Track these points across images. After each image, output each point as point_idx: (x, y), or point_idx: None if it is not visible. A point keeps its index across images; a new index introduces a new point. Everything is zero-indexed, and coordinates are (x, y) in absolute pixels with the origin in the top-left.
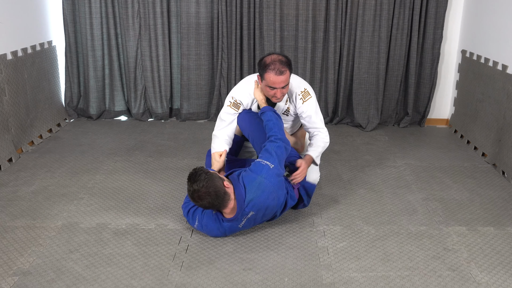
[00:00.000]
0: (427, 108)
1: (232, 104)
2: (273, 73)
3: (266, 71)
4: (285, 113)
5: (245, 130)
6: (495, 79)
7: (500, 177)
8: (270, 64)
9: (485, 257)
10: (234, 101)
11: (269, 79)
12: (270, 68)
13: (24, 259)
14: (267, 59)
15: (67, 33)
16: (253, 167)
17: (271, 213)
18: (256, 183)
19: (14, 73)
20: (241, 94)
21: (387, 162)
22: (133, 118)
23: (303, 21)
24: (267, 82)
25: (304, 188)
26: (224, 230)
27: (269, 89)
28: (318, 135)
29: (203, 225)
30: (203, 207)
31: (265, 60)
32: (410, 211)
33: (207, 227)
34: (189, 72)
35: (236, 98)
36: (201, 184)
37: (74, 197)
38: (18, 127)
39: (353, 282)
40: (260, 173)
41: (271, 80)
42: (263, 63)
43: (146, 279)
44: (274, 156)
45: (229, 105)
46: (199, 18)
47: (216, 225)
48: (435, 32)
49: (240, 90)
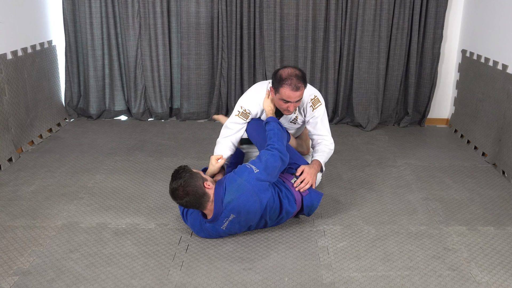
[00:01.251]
0: (427, 108)
1: (240, 113)
2: (289, 88)
3: (282, 86)
4: (293, 121)
5: (253, 138)
6: (495, 79)
7: (500, 177)
8: (287, 79)
9: (485, 257)
10: (243, 111)
11: (285, 94)
12: (286, 83)
13: (24, 258)
14: (283, 73)
15: (67, 33)
16: (237, 169)
17: (254, 217)
18: (236, 184)
19: (14, 72)
20: (251, 104)
21: (387, 162)
22: (133, 118)
23: (303, 20)
24: (282, 96)
25: (309, 197)
26: (208, 232)
27: (282, 103)
28: (322, 142)
29: (190, 224)
30: (183, 206)
31: (281, 73)
32: (410, 211)
33: (193, 227)
34: (189, 72)
35: (246, 108)
36: (179, 183)
37: (74, 197)
38: (18, 127)
39: (353, 282)
40: (241, 175)
41: (287, 95)
42: (279, 76)
43: (146, 278)
44: (262, 162)
45: (238, 115)
46: (199, 17)
47: (199, 226)
48: (435, 32)
49: (250, 99)
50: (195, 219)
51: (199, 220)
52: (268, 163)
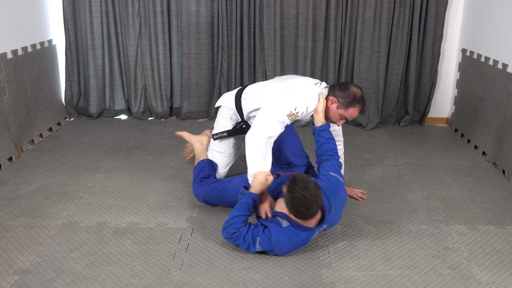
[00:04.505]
0: (427, 107)
1: (291, 114)
2: (358, 110)
3: (354, 106)
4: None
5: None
6: (495, 78)
7: (501, 176)
8: (359, 102)
9: (485, 256)
10: (295, 113)
11: (352, 114)
12: (358, 105)
13: (24, 258)
14: (357, 93)
15: (67, 32)
16: (331, 178)
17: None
18: (339, 198)
19: (14, 72)
20: (304, 109)
21: (387, 161)
22: (133, 117)
23: (303, 20)
24: (348, 114)
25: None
26: (299, 242)
27: (340, 118)
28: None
29: (272, 243)
30: (302, 217)
31: (355, 93)
32: (410, 210)
33: (279, 244)
34: (189, 71)
35: (298, 110)
36: (314, 192)
37: (74, 196)
38: (18, 126)
39: (353, 281)
40: (340, 187)
41: (353, 115)
42: (353, 95)
43: (146, 278)
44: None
45: (289, 114)
46: (199, 17)
47: (290, 239)
48: (435, 31)
49: (304, 104)
50: (285, 234)
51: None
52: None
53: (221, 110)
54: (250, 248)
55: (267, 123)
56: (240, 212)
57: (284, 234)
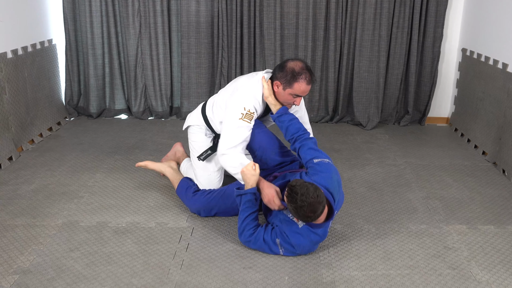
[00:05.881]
0: (428, 107)
1: (245, 115)
2: (305, 82)
3: (297, 80)
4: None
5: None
6: (496, 78)
7: (501, 176)
8: (301, 73)
9: (485, 256)
10: (247, 112)
11: (299, 88)
12: (301, 78)
13: (24, 257)
14: (295, 66)
15: (67, 32)
16: (318, 167)
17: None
18: (335, 182)
19: (14, 71)
20: (253, 102)
21: (387, 161)
22: (133, 117)
23: (303, 19)
24: (295, 90)
25: None
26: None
27: (291, 97)
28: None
29: (293, 246)
30: (312, 220)
31: (292, 67)
32: (411, 210)
33: (300, 246)
34: (189, 71)
35: (249, 108)
36: (315, 194)
37: (75, 196)
38: (18, 126)
39: (353, 281)
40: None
41: (301, 90)
42: (292, 70)
43: (146, 277)
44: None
45: (242, 118)
46: (199, 16)
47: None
48: (436, 31)
49: (250, 98)
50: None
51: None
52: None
53: (191, 130)
54: (273, 249)
55: (229, 134)
56: (248, 212)
57: (303, 236)
